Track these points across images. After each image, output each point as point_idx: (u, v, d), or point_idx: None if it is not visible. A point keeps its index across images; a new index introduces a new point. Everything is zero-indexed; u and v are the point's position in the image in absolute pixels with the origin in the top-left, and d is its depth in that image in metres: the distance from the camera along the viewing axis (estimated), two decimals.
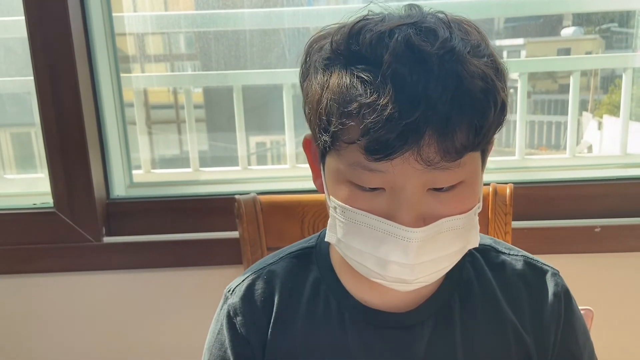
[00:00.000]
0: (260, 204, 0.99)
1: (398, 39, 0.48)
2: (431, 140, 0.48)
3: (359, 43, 0.50)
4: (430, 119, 0.47)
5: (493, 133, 0.52)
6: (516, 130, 1.33)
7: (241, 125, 1.32)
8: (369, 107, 0.48)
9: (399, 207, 0.51)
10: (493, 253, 0.65)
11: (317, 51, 0.55)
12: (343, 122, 0.49)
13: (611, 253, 1.16)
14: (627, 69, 1.29)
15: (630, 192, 1.18)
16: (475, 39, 0.52)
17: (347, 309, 0.62)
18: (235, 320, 0.64)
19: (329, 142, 0.52)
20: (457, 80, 0.48)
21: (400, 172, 0.50)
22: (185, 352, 1.21)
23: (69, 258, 1.18)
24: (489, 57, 0.51)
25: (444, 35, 0.49)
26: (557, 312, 0.62)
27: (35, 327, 1.24)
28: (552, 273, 0.64)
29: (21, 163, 1.45)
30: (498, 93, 0.50)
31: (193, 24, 1.31)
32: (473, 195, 0.54)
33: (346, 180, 0.53)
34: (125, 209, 1.21)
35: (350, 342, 0.61)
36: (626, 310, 1.20)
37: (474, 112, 0.49)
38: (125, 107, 1.26)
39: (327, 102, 0.51)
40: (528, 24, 1.50)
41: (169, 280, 1.21)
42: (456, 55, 0.49)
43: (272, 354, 0.64)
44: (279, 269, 0.66)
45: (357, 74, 0.49)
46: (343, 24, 0.54)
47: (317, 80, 0.53)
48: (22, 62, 1.21)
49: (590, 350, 0.66)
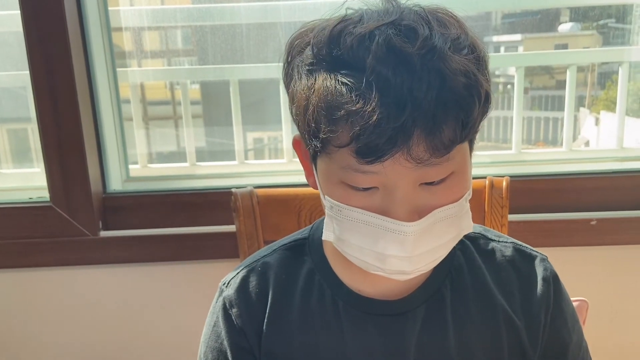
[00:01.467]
0: (257, 198, 0.99)
1: (379, 42, 0.49)
2: (419, 140, 0.49)
3: (340, 47, 0.50)
4: (418, 120, 0.48)
5: (479, 124, 0.53)
6: (513, 123, 1.33)
7: (238, 119, 1.32)
8: (356, 114, 0.48)
9: (393, 204, 0.52)
10: (483, 240, 0.66)
11: (298, 53, 0.55)
12: (332, 130, 0.50)
13: (607, 246, 1.16)
14: (623, 63, 1.29)
15: (626, 185, 1.18)
16: (455, 30, 0.52)
17: (340, 298, 0.63)
18: (230, 312, 0.65)
19: (320, 147, 0.53)
20: (441, 78, 0.49)
21: (391, 172, 0.51)
22: (182, 345, 1.21)
23: (65, 252, 1.18)
24: (469, 48, 0.52)
25: (424, 33, 0.50)
26: (546, 297, 0.63)
27: (31, 321, 1.24)
28: (540, 258, 0.65)
29: (17, 157, 1.45)
30: (481, 86, 0.51)
31: (189, 17, 1.31)
32: (464, 183, 0.56)
33: (339, 181, 0.54)
34: (122, 203, 1.21)
35: (345, 330, 0.62)
36: (621, 302, 1.20)
37: (459, 109, 0.50)
38: (122, 103, 1.26)
39: (314, 109, 0.51)
40: (525, 20, 1.50)
41: (165, 274, 1.21)
42: (437, 53, 0.49)
43: (268, 345, 0.64)
44: (272, 260, 0.67)
45: (341, 79, 0.49)
46: (322, 24, 0.54)
47: (302, 85, 0.53)
48: (17, 56, 1.21)
49: (580, 333, 0.67)
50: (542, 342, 0.64)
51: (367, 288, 0.62)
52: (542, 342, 0.64)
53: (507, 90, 1.98)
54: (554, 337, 0.64)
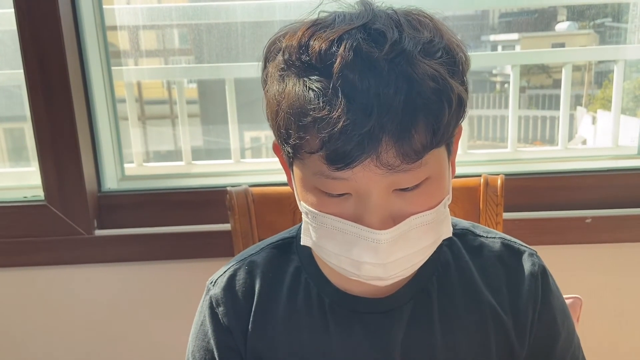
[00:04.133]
0: (252, 196, 0.99)
1: (346, 47, 0.48)
2: (389, 146, 0.48)
3: (309, 53, 0.50)
4: (385, 126, 0.47)
5: (453, 129, 0.52)
6: (508, 121, 1.33)
7: (234, 118, 1.32)
8: (323, 120, 0.48)
9: (366, 211, 0.52)
10: (471, 236, 0.66)
11: (272, 58, 0.55)
12: (300, 136, 0.50)
13: (602, 244, 1.16)
14: (618, 61, 1.30)
15: (621, 183, 1.18)
16: (428, 34, 0.51)
17: (327, 295, 0.63)
18: (217, 311, 0.65)
19: (291, 152, 0.53)
20: (408, 83, 0.48)
21: (362, 179, 0.50)
22: (177, 344, 1.20)
23: (60, 251, 1.18)
24: (443, 51, 0.51)
25: (392, 37, 0.49)
26: (534, 292, 0.63)
27: (26, 320, 1.24)
28: (529, 253, 0.65)
29: (12, 156, 1.44)
30: (452, 91, 0.50)
31: (184, 16, 1.31)
32: (440, 190, 0.55)
33: (313, 187, 0.54)
34: (117, 202, 1.21)
35: (331, 328, 0.62)
36: (616, 300, 1.21)
37: (428, 114, 0.49)
38: (118, 102, 1.25)
39: (284, 114, 0.51)
40: (522, 19, 1.50)
41: (161, 273, 1.21)
42: (406, 57, 0.48)
43: (254, 343, 0.64)
44: (259, 259, 0.67)
45: (309, 85, 0.49)
46: (295, 28, 0.53)
47: (273, 90, 0.53)
48: (11, 54, 1.20)
49: (570, 329, 0.66)
50: (531, 338, 0.64)
51: (354, 287, 0.62)
52: (530, 338, 0.64)
53: (504, 89, 1.98)
54: (543, 332, 0.64)
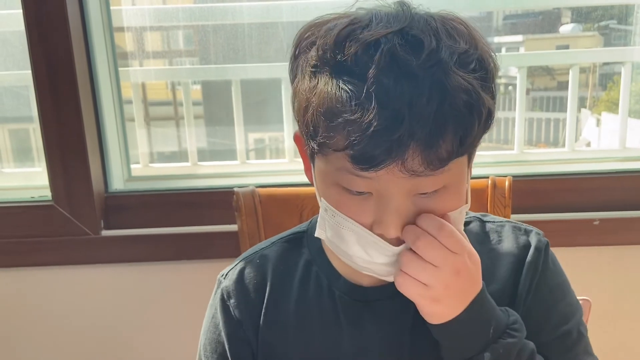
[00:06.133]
0: (259, 197, 0.98)
1: (383, 51, 0.48)
2: (415, 153, 0.49)
3: (344, 53, 0.50)
4: (415, 133, 0.48)
5: (479, 140, 0.53)
6: (513, 123, 1.33)
7: (239, 119, 1.32)
8: (354, 123, 0.48)
9: (386, 213, 0.53)
10: (478, 222, 0.67)
11: (304, 51, 0.55)
12: (329, 136, 0.50)
13: (610, 246, 1.16)
14: (625, 63, 1.29)
15: (629, 185, 1.18)
16: (464, 43, 0.51)
17: (337, 288, 0.64)
18: (228, 303, 0.66)
19: (317, 148, 0.53)
20: (442, 93, 0.48)
21: (385, 180, 0.51)
22: (183, 344, 1.20)
23: (67, 251, 1.18)
24: (477, 62, 0.51)
25: (430, 45, 0.49)
26: (535, 263, 0.63)
27: (33, 319, 1.24)
28: (535, 232, 0.66)
29: (19, 156, 1.45)
30: (483, 105, 0.50)
31: (191, 17, 1.31)
32: (459, 196, 0.56)
33: (335, 183, 0.54)
34: (124, 203, 1.21)
35: (341, 319, 0.63)
36: (624, 302, 1.20)
37: (458, 126, 0.50)
38: (124, 102, 1.26)
39: (314, 112, 0.51)
40: (527, 21, 1.50)
41: (167, 274, 1.21)
42: (442, 67, 0.49)
43: (266, 335, 0.65)
44: (270, 253, 0.68)
45: (342, 86, 0.49)
46: (331, 24, 0.53)
47: (304, 85, 0.53)
48: (19, 55, 1.21)
49: (569, 303, 0.65)
50: (525, 307, 0.63)
51: (364, 279, 0.63)
52: (524, 308, 0.63)
53: (509, 91, 1.98)
54: (537, 303, 0.63)
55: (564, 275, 0.66)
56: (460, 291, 0.55)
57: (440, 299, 0.54)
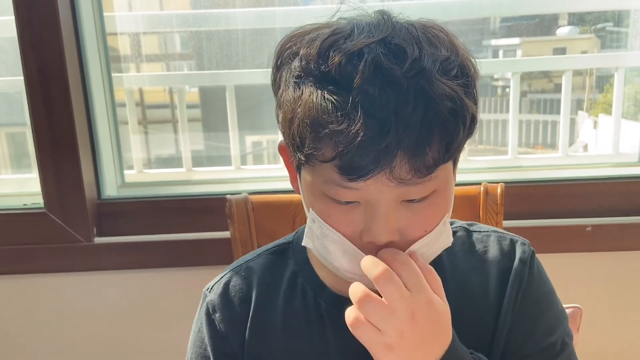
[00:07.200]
0: (252, 204, 0.98)
1: (367, 61, 0.48)
2: (402, 162, 0.49)
3: (328, 63, 0.50)
4: (401, 142, 0.48)
5: (463, 145, 0.54)
6: (509, 129, 1.33)
7: (234, 125, 1.32)
8: (341, 133, 0.48)
9: (374, 222, 0.53)
10: (464, 233, 0.67)
11: (287, 61, 0.55)
12: (316, 147, 0.50)
13: (602, 252, 1.16)
14: (618, 68, 1.29)
15: (621, 190, 1.17)
16: (445, 51, 0.52)
17: (323, 299, 0.64)
18: (214, 317, 0.66)
19: (304, 160, 0.53)
20: (426, 102, 0.49)
21: (373, 189, 0.51)
22: (175, 352, 1.20)
23: (59, 258, 1.18)
24: (459, 68, 0.52)
25: (413, 54, 0.49)
26: (520, 274, 0.63)
27: (25, 327, 1.23)
28: (521, 242, 0.66)
29: (14, 162, 1.45)
30: (467, 111, 0.51)
31: (184, 23, 1.31)
32: (446, 202, 0.56)
33: (322, 194, 0.54)
34: (117, 209, 1.21)
35: (327, 331, 0.63)
36: (616, 308, 1.20)
37: (443, 133, 0.50)
38: (120, 107, 1.25)
39: (300, 123, 0.51)
40: (524, 24, 1.50)
41: (160, 281, 1.20)
42: (425, 75, 0.49)
43: (251, 347, 0.65)
44: (256, 265, 0.68)
45: (327, 96, 0.49)
46: (313, 34, 0.53)
47: (289, 96, 0.53)
48: (12, 61, 1.21)
49: (555, 314, 0.65)
50: (511, 320, 0.63)
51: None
52: (510, 320, 0.63)
53: (506, 93, 1.98)
54: (521, 316, 0.63)
55: (549, 285, 0.66)
56: (419, 341, 0.51)
57: (394, 346, 0.51)
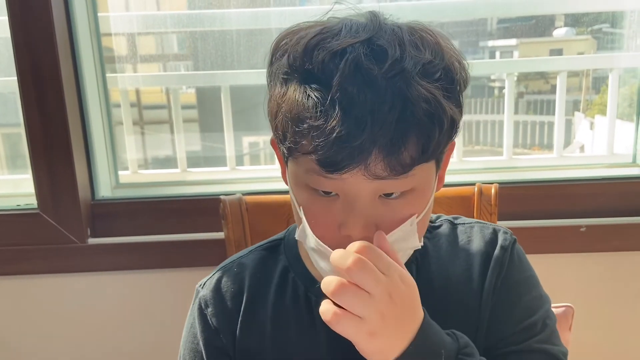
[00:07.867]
0: (246, 205, 0.98)
1: (348, 60, 0.50)
2: (378, 159, 0.51)
3: (312, 61, 0.52)
4: (377, 140, 0.50)
5: (444, 147, 0.55)
6: (504, 130, 1.33)
7: (229, 126, 1.32)
8: (317, 129, 0.50)
9: (351, 214, 0.54)
10: (449, 225, 0.69)
11: (278, 58, 0.56)
12: (296, 140, 0.53)
13: (596, 253, 1.16)
14: (613, 69, 1.29)
15: (616, 191, 1.18)
16: (430, 54, 0.53)
17: (313, 293, 0.65)
18: (206, 312, 0.67)
19: (286, 152, 0.56)
20: (403, 103, 0.50)
21: (351, 182, 0.53)
22: (170, 352, 1.20)
23: (53, 259, 1.17)
24: (442, 72, 0.53)
25: (394, 55, 0.51)
26: (500, 259, 0.64)
27: (19, 328, 1.23)
28: (503, 231, 0.67)
29: (9, 163, 1.44)
30: (444, 113, 0.52)
31: (179, 23, 1.31)
32: (423, 201, 0.57)
33: (304, 184, 0.56)
34: (111, 210, 1.20)
35: (317, 325, 0.64)
36: (610, 309, 1.20)
37: (419, 133, 0.51)
38: (114, 108, 1.25)
39: (283, 117, 0.53)
40: (520, 25, 1.50)
41: (154, 282, 1.20)
42: (404, 76, 0.50)
43: (243, 342, 0.66)
44: (248, 261, 0.69)
45: (309, 93, 0.51)
46: (303, 32, 0.55)
47: (276, 92, 0.55)
48: (6, 62, 1.20)
49: (535, 297, 0.65)
50: (491, 304, 0.63)
51: None
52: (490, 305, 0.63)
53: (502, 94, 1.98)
54: (503, 297, 0.64)
55: (530, 271, 0.67)
56: (398, 321, 0.51)
57: (376, 331, 0.50)
